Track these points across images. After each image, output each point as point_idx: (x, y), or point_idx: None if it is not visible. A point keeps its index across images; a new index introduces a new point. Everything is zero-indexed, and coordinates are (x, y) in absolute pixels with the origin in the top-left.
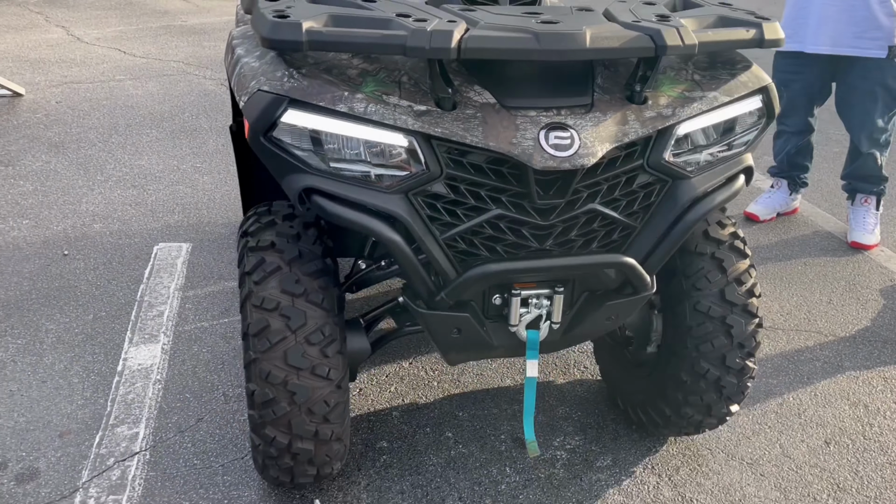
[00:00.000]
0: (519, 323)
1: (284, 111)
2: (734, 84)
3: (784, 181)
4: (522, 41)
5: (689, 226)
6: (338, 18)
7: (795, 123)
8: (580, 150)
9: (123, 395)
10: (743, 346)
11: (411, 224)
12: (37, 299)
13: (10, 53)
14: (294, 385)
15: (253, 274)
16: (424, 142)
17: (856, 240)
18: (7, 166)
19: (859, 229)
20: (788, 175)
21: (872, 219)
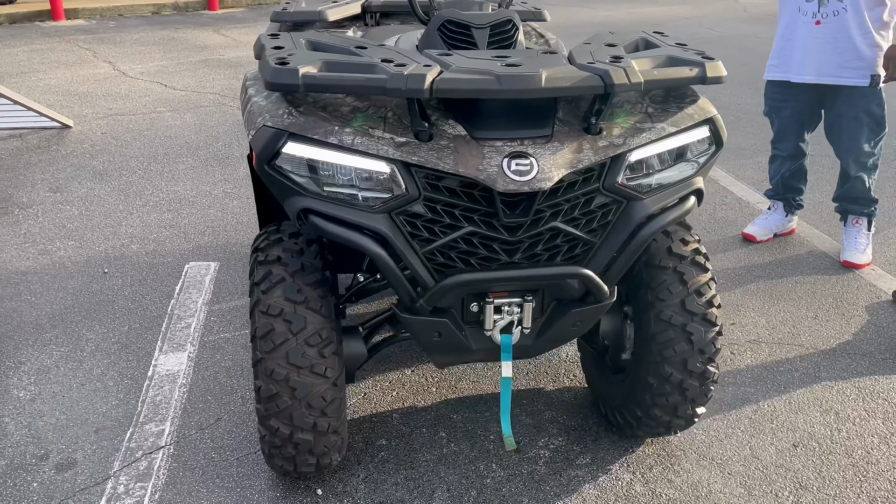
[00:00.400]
0: (493, 328)
1: (285, 143)
2: (681, 116)
3: (780, 203)
4: (486, 82)
5: (643, 241)
6: (330, 64)
7: (787, 148)
8: (538, 174)
9: (152, 397)
10: (703, 351)
11: (393, 240)
12: (79, 312)
13: (60, 88)
14: (295, 381)
15: (261, 284)
16: (404, 168)
17: (847, 259)
18: (56, 192)
19: (851, 249)
20: (784, 197)
21: (864, 239)
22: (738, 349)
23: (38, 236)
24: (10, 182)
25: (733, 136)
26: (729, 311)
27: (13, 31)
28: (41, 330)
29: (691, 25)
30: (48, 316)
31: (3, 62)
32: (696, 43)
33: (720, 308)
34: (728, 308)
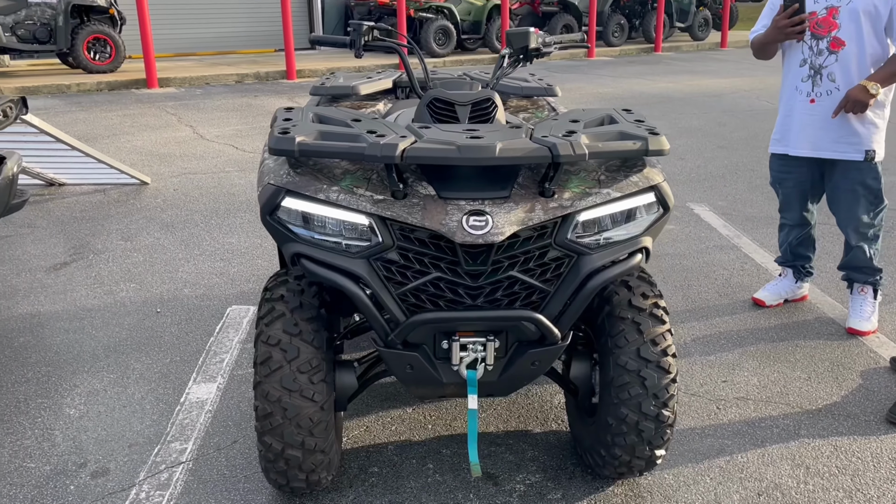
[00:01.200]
0: (459, 363)
1: (283, 198)
2: (626, 183)
3: (790, 270)
4: (448, 151)
5: (591, 291)
6: (324, 133)
7: (793, 217)
8: (492, 229)
9: (181, 421)
10: (657, 396)
11: (370, 282)
12: (130, 345)
13: (145, 149)
14: (286, 403)
15: (265, 318)
16: (380, 221)
17: (852, 326)
18: (127, 241)
19: (856, 316)
20: (792, 265)
21: (869, 307)
22: (724, 404)
23: (106, 278)
24: (89, 231)
25: (763, 206)
26: (723, 370)
27: (111, 98)
28: (96, 358)
29: (748, 97)
30: (104, 347)
31: (98, 125)
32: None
33: (675, 357)
34: (723, 367)
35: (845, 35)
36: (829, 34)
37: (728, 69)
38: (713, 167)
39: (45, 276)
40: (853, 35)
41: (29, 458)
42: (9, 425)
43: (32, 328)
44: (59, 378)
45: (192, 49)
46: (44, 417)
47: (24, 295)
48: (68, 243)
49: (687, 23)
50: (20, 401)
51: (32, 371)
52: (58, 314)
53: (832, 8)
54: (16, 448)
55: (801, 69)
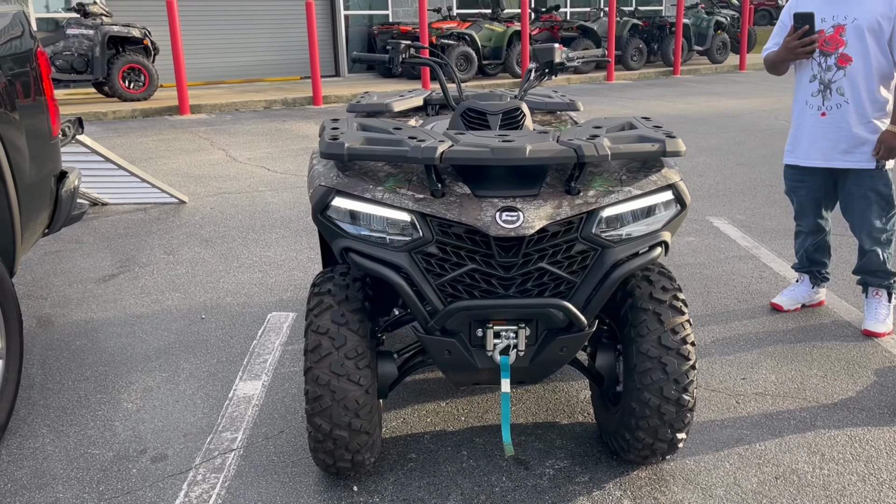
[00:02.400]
0: (493, 349)
1: (333, 198)
2: (646, 182)
3: (806, 276)
4: (482, 153)
5: (615, 281)
6: (370, 139)
7: (808, 225)
8: (523, 223)
9: (230, 413)
10: (677, 381)
11: (411, 273)
12: (179, 348)
13: (180, 170)
14: (335, 386)
15: (314, 310)
16: (420, 218)
17: (868, 328)
18: (169, 255)
19: (871, 319)
20: (809, 270)
21: (884, 310)
22: (744, 399)
23: (152, 289)
24: (133, 246)
25: (780, 219)
26: (742, 368)
27: (145, 124)
28: (148, 359)
29: (766, 117)
30: (154, 350)
31: (135, 149)
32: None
33: (694, 345)
34: (742, 366)
35: (852, 51)
36: (836, 51)
37: (746, 90)
38: (732, 183)
39: (96, 287)
40: (859, 51)
41: (93, 445)
42: (72, 417)
43: (87, 332)
44: (116, 376)
45: (222, 77)
46: (104, 410)
47: (77, 304)
48: (115, 257)
49: (705, 46)
50: (81, 396)
51: (90, 370)
52: (110, 320)
53: (839, 26)
54: (80, 437)
55: (812, 84)
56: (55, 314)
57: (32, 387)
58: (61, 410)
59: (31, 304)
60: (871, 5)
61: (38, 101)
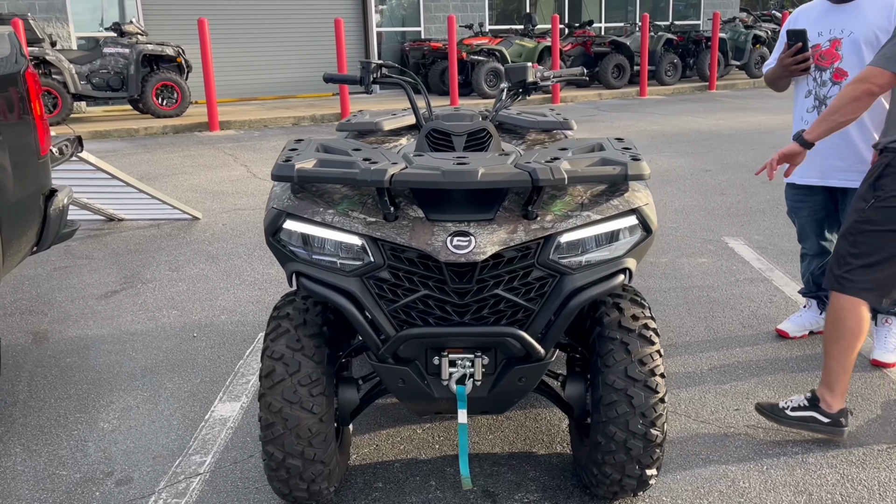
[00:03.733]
0: (449, 378)
1: (284, 221)
2: (607, 206)
3: (813, 301)
4: (432, 175)
5: (573, 310)
6: (323, 161)
7: (811, 247)
8: (474, 249)
9: (203, 436)
10: (644, 415)
11: (362, 298)
12: (165, 366)
13: (200, 186)
14: (287, 413)
15: (271, 334)
16: (371, 242)
17: (876, 358)
18: (174, 271)
19: (880, 348)
20: (816, 295)
21: (893, 339)
22: (734, 432)
23: (151, 305)
24: (140, 262)
25: None
26: (737, 399)
27: (175, 140)
28: (133, 378)
29: None
30: (141, 368)
31: (160, 165)
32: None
33: (664, 377)
34: (737, 396)
35: (847, 66)
36: (831, 65)
37: (783, 106)
38: (754, 202)
39: (96, 303)
40: (855, 65)
41: (62, 466)
42: (48, 436)
43: (79, 350)
44: (98, 395)
45: (254, 94)
46: (80, 430)
47: (75, 320)
48: (120, 273)
49: (743, 60)
50: (60, 415)
51: (75, 388)
52: (103, 338)
53: (835, 40)
54: (51, 457)
55: (807, 100)
56: (52, 330)
57: (16, 404)
58: (38, 429)
59: (31, 320)
60: (869, 18)
61: (23, 120)
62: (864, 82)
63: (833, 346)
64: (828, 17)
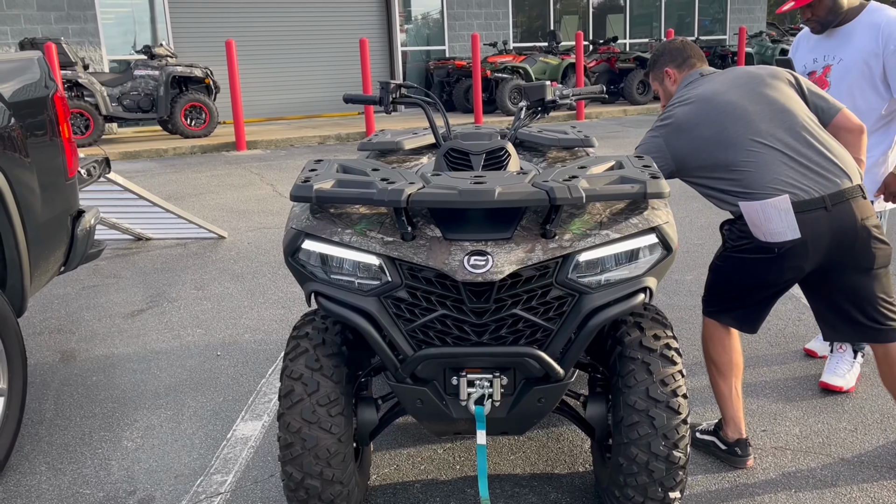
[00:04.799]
0: (468, 399)
1: (303, 241)
2: (626, 224)
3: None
4: (449, 195)
5: (593, 330)
6: (341, 182)
7: None
8: (492, 268)
9: (225, 455)
10: (667, 436)
11: (380, 318)
12: (189, 385)
13: (226, 205)
14: (305, 434)
15: (290, 354)
16: (389, 262)
17: (824, 380)
18: (199, 290)
19: (830, 372)
20: None
21: (845, 365)
22: (761, 454)
23: (176, 324)
24: (166, 281)
25: None
26: (764, 419)
27: (202, 160)
28: (157, 396)
29: None
30: (165, 386)
31: (188, 184)
32: None
33: (686, 398)
34: (764, 416)
35: (835, 92)
36: None
37: None
38: None
39: (123, 322)
40: (844, 92)
41: (86, 485)
42: (72, 455)
43: (105, 368)
44: (122, 414)
45: (281, 113)
46: (104, 449)
47: (101, 339)
48: (147, 292)
49: None
50: (85, 433)
51: (100, 407)
52: (129, 356)
53: (827, 66)
54: (75, 476)
55: None
56: (79, 349)
57: (42, 422)
58: (63, 448)
59: (59, 339)
60: (859, 44)
61: (52, 142)
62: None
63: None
64: (822, 44)
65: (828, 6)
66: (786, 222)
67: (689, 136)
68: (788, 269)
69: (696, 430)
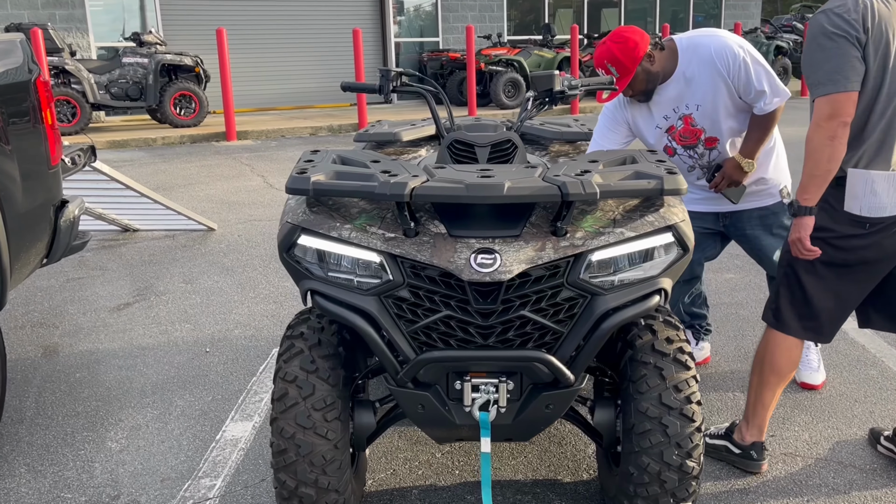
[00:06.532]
0: (472, 405)
1: (299, 236)
2: (641, 222)
3: (688, 331)
4: (456, 189)
5: (605, 333)
6: (339, 174)
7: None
8: (500, 267)
9: (214, 457)
10: (680, 445)
11: (380, 318)
12: (176, 383)
13: (216, 197)
14: (299, 440)
15: (284, 355)
16: (390, 259)
17: (804, 380)
18: (188, 283)
19: (805, 369)
20: (689, 325)
21: (814, 355)
22: (772, 460)
23: (164, 319)
24: (154, 274)
25: None
26: (772, 425)
27: (192, 150)
28: (143, 395)
29: None
30: (152, 384)
31: (177, 175)
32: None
33: (700, 405)
34: (772, 421)
35: (713, 132)
36: (699, 140)
37: (803, 117)
38: None
39: (108, 316)
40: (720, 128)
41: (67, 488)
42: (54, 456)
43: (89, 364)
44: (107, 413)
45: (272, 104)
46: (87, 450)
47: (86, 333)
48: (134, 285)
49: None
50: (67, 433)
51: (83, 405)
52: (114, 352)
53: (685, 116)
54: (56, 479)
55: (692, 173)
56: (62, 344)
57: (22, 421)
58: (45, 448)
59: (42, 333)
60: (704, 83)
61: (35, 129)
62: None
63: (755, 377)
64: (663, 101)
65: (644, 79)
66: (891, 198)
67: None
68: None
69: (706, 434)
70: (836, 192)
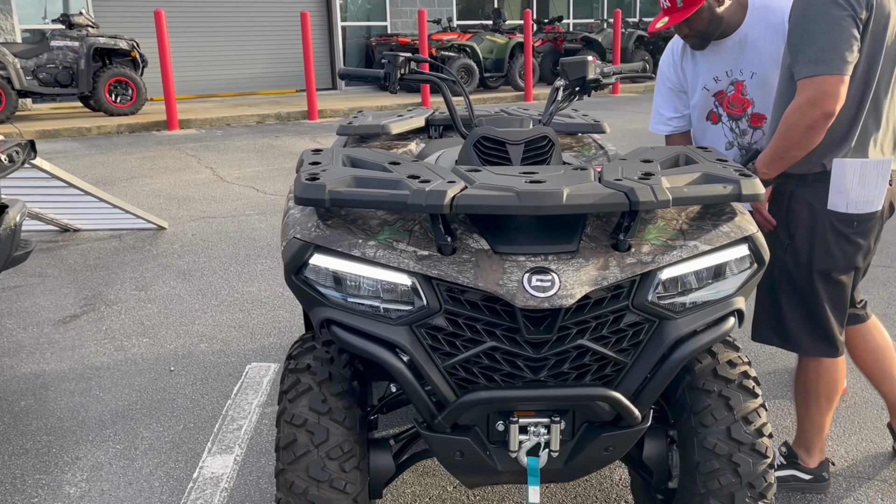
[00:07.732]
0: (519, 449)
1: (311, 255)
2: (716, 234)
3: None
4: (506, 199)
5: (677, 364)
6: (359, 180)
7: None
8: (559, 291)
9: (193, 500)
10: (753, 486)
11: (413, 353)
12: (140, 409)
13: (163, 192)
14: (313, 496)
15: (288, 392)
16: (425, 281)
17: None
18: (141, 291)
19: None
20: None
21: None
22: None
23: (118, 333)
24: (102, 280)
25: None
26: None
27: (131, 140)
28: (102, 426)
29: None
30: (111, 412)
31: (117, 168)
32: None
33: (771, 438)
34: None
35: (762, 108)
36: (745, 112)
37: None
38: None
39: (53, 331)
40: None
41: None
42: None
43: (35, 390)
44: (61, 449)
45: (214, 90)
46: (40, 497)
47: (29, 352)
48: (80, 294)
49: None
50: (16, 476)
51: (32, 441)
52: (64, 374)
53: (738, 83)
54: None
55: (730, 152)
56: (2, 366)
57: None
58: None
59: None
60: (765, 52)
61: None
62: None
63: (803, 409)
64: (713, 60)
65: (706, 18)
66: (879, 189)
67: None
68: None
69: None
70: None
